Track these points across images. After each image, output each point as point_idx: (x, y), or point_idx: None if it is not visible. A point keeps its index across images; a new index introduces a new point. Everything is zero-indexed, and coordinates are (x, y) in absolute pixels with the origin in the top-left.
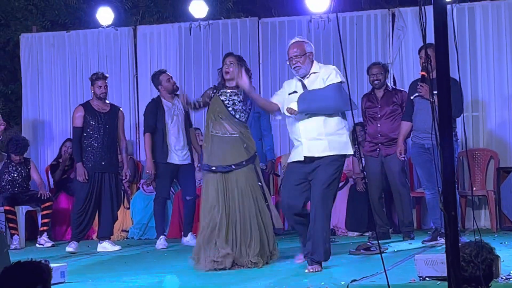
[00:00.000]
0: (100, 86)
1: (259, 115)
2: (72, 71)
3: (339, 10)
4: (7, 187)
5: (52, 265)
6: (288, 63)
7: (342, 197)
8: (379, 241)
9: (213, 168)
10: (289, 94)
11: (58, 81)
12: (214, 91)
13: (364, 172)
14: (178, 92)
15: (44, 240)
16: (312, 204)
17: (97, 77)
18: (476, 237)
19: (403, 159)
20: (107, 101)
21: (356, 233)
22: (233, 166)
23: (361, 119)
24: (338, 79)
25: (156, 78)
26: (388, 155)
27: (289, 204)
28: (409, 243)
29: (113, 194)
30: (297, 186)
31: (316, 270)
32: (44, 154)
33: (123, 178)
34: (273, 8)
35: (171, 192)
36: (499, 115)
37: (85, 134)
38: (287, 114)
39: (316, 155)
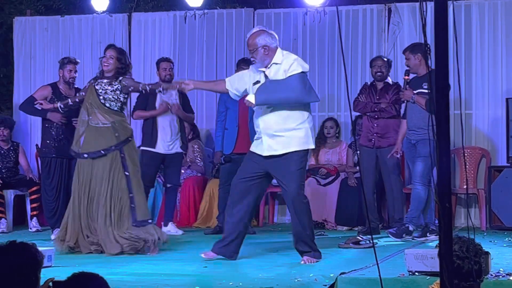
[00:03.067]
0: (71, 70)
1: (227, 109)
2: (65, 56)
3: (335, 4)
4: None
5: (40, 248)
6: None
7: (332, 191)
8: (369, 236)
9: (84, 155)
10: (253, 83)
11: (51, 66)
12: (92, 81)
13: (357, 167)
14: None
15: (33, 225)
16: (287, 202)
17: (69, 61)
18: (467, 235)
19: (397, 156)
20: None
21: (345, 228)
22: (102, 152)
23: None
24: (299, 69)
25: (157, 62)
26: (382, 148)
27: (241, 189)
28: None
29: None
30: (255, 178)
31: (310, 261)
32: (34, 139)
33: None
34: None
35: (160, 181)
36: (492, 113)
37: (46, 121)
38: (245, 103)
39: (275, 153)
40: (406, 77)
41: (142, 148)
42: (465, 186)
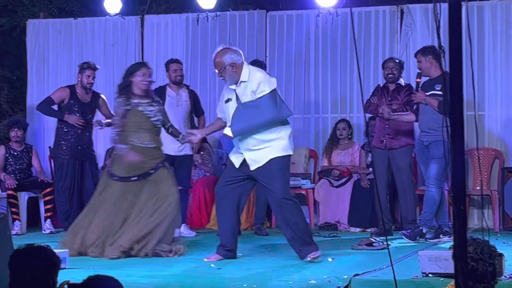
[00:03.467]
0: (89, 76)
1: None
2: (78, 58)
3: (347, 6)
4: (10, 174)
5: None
6: None
7: (345, 192)
8: (383, 237)
9: (134, 178)
10: (225, 101)
11: (64, 69)
12: (128, 103)
13: (370, 169)
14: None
15: (47, 227)
16: (273, 205)
17: (88, 66)
18: (481, 236)
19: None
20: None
21: (358, 229)
22: (151, 171)
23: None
24: (267, 89)
25: (167, 64)
26: (394, 149)
27: (225, 194)
28: None
29: (94, 182)
30: (236, 182)
31: (317, 256)
32: (48, 141)
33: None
34: (281, 1)
35: None
36: (505, 114)
37: (61, 123)
38: (223, 136)
39: (258, 166)
40: (418, 80)
41: None
42: (478, 188)
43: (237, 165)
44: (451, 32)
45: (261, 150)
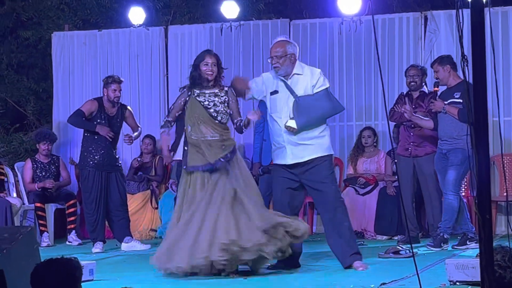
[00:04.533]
0: (115, 90)
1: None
2: (103, 70)
3: (370, 13)
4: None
5: (81, 262)
6: (269, 61)
7: (371, 200)
8: (409, 245)
9: (216, 162)
10: (271, 93)
11: (89, 80)
12: (189, 93)
13: (396, 176)
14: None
15: (72, 238)
16: (325, 207)
17: (113, 80)
18: (508, 243)
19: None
20: None
21: (385, 237)
22: (221, 160)
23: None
24: (326, 84)
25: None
26: (419, 156)
27: (290, 204)
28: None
29: (121, 193)
30: (292, 188)
31: (366, 267)
32: (74, 154)
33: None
34: (305, 9)
35: None
36: None
37: (88, 134)
38: (286, 129)
39: (300, 161)
40: (436, 89)
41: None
42: (505, 194)
43: (284, 161)
44: (474, 39)
45: (306, 145)
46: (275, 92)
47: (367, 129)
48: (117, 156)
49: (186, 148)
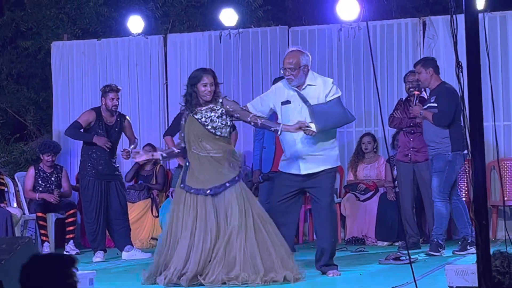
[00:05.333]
0: (113, 99)
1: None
2: (103, 79)
3: (369, 19)
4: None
5: (80, 272)
6: (281, 71)
7: (372, 206)
8: (409, 251)
9: (208, 191)
10: (282, 103)
11: (89, 89)
12: (187, 112)
13: (396, 182)
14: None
15: (70, 248)
16: (318, 215)
17: (110, 89)
18: (507, 247)
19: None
20: None
21: (385, 243)
22: (227, 184)
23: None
24: (339, 93)
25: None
26: (419, 162)
27: (281, 210)
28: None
29: (121, 201)
30: (292, 197)
31: (337, 274)
32: (74, 163)
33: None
34: (303, 16)
35: None
36: None
37: (87, 144)
38: (305, 133)
39: (312, 171)
40: (417, 92)
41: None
42: (506, 198)
43: (297, 171)
44: (469, 45)
45: (318, 156)
46: (287, 102)
47: (367, 135)
48: (116, 165)
49: (187, 164)
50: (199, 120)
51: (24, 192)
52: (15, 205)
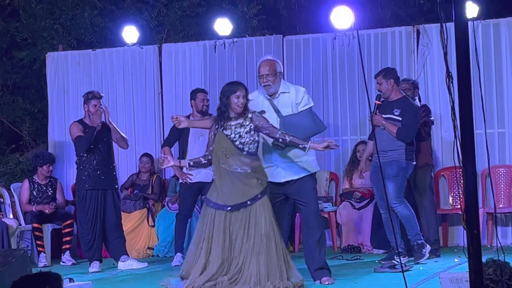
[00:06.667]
0: (95, 105)
1: None
2: (98, 89)
3: (363, 27)
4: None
5: (76, 282)
6: (258, 79)
7: (367, 214)
8: (405, 259)
9: (228, 208)
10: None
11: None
12: (216, 126)
13: None
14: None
15: (66, 258)
16: (304, 221)
17: (93, 96)
18: (499, 255)
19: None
20: None
21: (381, 251)
22: (248, 202)
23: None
24: (311, 103)
25: (193, 93)
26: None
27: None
28: (435, 261)
29: (116, 212)
30: (281, 204)
31: (331, 282)
32: (70, 173)
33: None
34: (298, 25)
35: (196, 210)
36: None
37: (81, 154)
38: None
39: (291, 179)
40: (377, 102)
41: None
42: (501, 205)
43: (278, 180)
44: (459, 54)
45: (296, 164)
46: (262, 112)
47: (362, 143)
48: (114, 173)
49: (215, 178)
50: (228, 136)
51: (20, 205)
52: (11, 216)
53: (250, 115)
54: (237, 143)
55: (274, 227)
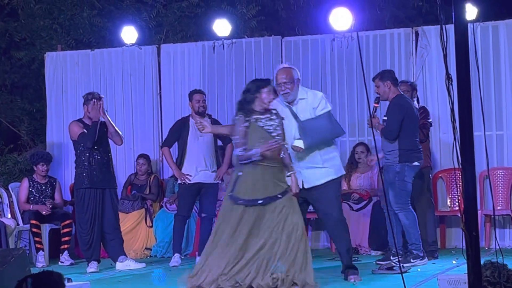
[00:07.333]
0: (94, 104)
1: None
2: (96, 89)
3: (362, 29)
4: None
5: (74, 283)
6: (276, 87)
7: (365, 216)
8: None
9: (260, 201)
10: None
11: (82, 100)
12: (247, 119)
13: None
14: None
15: (64, 258)
16: (328, 225)
17: (93, 97)
18: (497, 257)
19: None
20: None
21: (379, 252)
22: (279, 196)
23: None
24: (328, 107)
25: (190, 94)
26: None
27: None
28: (433, 263)
29: (114, 212)
30: (300, 205)
31: (358, 280)
32: (68, 173)
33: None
34: (297, 26)
35: (194, 211)
36: None
37: (79, 152)
38: (293, 149)
39: (314, 184)
40: (376, 105)
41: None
42: (499, 207)
43: (303, 185)
44: (458, 56)
45: (319, 168)
46: (282, 119)
47: (360, 145)
48: (112, 173)
49: (240, 173)
50: (264, 128)
51: (18, 203)
52: (9, 215)
53: (275, 111)
54: (274, 134)
55: (302, 221)
